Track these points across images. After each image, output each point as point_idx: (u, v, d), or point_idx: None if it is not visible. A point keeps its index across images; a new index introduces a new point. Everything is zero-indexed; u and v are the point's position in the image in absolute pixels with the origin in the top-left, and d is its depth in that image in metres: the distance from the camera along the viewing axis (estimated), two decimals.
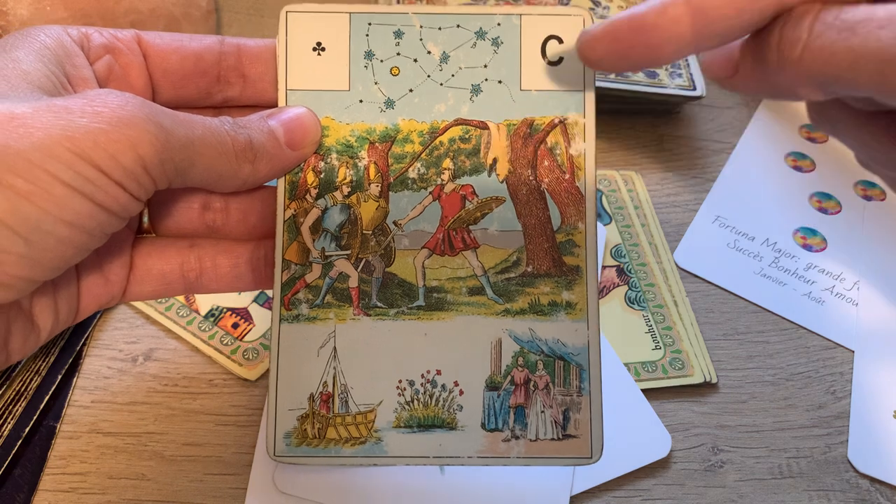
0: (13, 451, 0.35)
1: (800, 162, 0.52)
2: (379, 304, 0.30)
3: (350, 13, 0.31)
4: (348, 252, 0.31)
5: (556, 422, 0.30)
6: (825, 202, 0.50)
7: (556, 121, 0.31)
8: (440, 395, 0.30)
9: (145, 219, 0.32)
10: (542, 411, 0.30)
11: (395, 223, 0.31)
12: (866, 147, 0.27)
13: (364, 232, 0.31)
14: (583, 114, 0.31)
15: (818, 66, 0.23)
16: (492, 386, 0.30)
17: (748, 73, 0.26)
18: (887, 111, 0.25)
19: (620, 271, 0.45)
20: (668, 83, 0.50)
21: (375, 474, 0.35)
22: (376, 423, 0.30)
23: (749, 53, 0.25)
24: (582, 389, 0.30)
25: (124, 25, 0.44)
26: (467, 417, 0.30)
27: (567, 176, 0.31)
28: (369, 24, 0.31)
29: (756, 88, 0.26)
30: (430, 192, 0.31)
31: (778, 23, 0.24)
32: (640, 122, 0.54)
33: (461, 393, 0.30)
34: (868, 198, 0.50)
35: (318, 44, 0.31)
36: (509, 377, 0.30)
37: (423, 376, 0.30)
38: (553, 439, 0.30)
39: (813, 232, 0.48)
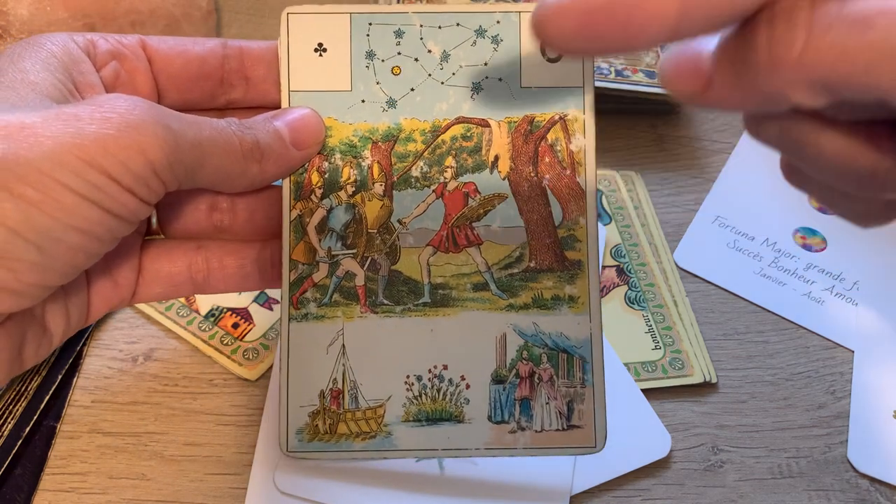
0: (13, 451, 0.36)
1: None
2: (385, 301, 0.32)
3: (350, 14, 0.32)
4: (354, 251, 0.32)
5: (560, 413, 0.32)
6: None
7: (557, 117, 0.32)
8: (447, 390, 0.32)
9: (153, 221, 0.33)
10: (547, 403, 0.32)
11: (399, 221, 0.32)
12: (845, 167, 0.23)
13: (369, 231, 0.32)
14: (583, 110, 0.32)
15: (824, 67, 0.20)
16: (497, 379, 0.32)
17: (727, 83, 0.23)
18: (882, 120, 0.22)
19: (620, 271, 0.46)
20: None
21: (375, 474, 0.36)
22: (386, 418, 0.31)
23: (727, 58, 0.22)
24: (585, 381, 0.32)
25: (124, 25, 0.45)
26: (474, 410, 0.32)
27: (568, 172, 0.32)
28: (370, 24, 0.32)
29: (737, 101, 0.23)
30: (434, 190, 0.32)
31: (763, 18, 0.21)
32: (640, 122, 0.54)
33: (468, 387, 0.32)
34: None
35: (320, 45, 0.32)
36: (514, 370, 0.32)
37: (430, 371, 0.32)
38: (558, 430, 0.32)
39: (813, 232, 0.49)
